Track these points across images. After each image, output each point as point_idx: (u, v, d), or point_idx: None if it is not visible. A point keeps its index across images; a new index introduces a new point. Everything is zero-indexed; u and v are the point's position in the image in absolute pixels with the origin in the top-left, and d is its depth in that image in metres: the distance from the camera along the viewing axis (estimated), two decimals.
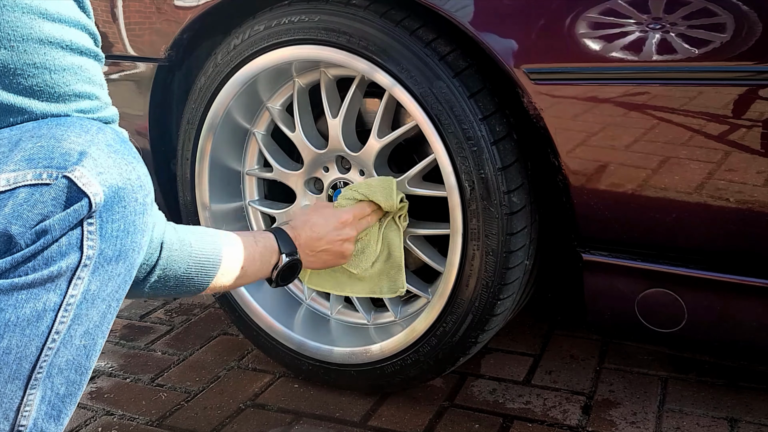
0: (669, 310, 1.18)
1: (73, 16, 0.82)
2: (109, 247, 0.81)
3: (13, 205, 0.75)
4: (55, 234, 0.76)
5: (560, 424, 1.37)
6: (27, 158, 0.76)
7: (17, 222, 0.75)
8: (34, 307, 0.78)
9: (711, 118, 1.04)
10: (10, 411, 0.80)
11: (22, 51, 0.78)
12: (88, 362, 0.85)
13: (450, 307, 1.31)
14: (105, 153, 0.79)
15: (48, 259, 0.77)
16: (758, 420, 1.36)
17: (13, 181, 0.75)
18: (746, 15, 0.99)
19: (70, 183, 0.76)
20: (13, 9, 0.77)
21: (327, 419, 1.42)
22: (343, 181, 1.44)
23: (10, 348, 0.77)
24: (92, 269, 0.80)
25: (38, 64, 0.79)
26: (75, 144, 0.78)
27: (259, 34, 1.36)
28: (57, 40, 0.80)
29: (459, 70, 1.21)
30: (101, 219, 0.79)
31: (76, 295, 0.80)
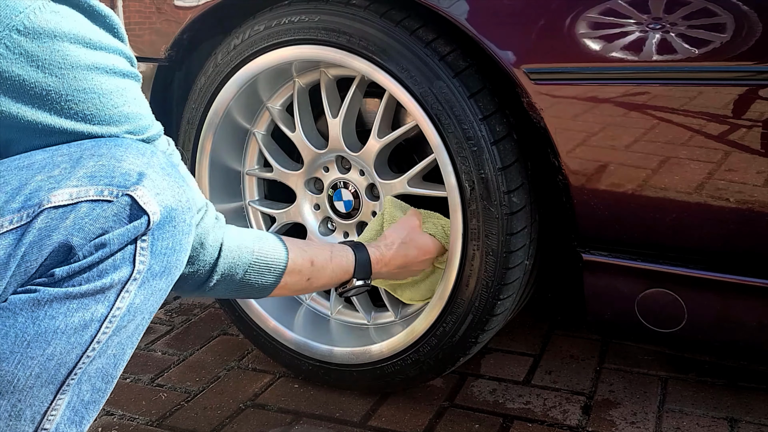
0: (669, 310, 1.18)
1: (112, 43, 0.87)
2: (158, 263, 0.85)
3: (74, 218, 0.79)
4: (113, 248, 0.81)
5: (560, 424, 1.37)
6: (89, 175, 0.80)
7: (78, 234, 0.79)
8: (83, 316, 0.81)
9: (711, 118, 1.04)
10: (38, 415, 0.83)
11: (71, 78, 0.82)
12: (116, 371, 0.89)
13: (450, 307, 1.31)
14: (160, 175, 0.84)
15: (102, 271, 0.81)
16: (758, 420, 1.36)
17: (76, 196, 0.79)
18: (746, 15, 0.99)
19: (132, 201, 0.81)
20: (62, 39, 0.81)
21: (327, 419, 1.42)
22: (343, 180, 1.44)
23: (54, 355, 0.81)
24: (140, 284, 0.84)
25: (87, 90, 0.83)
26: (134, 165, 0.83)
27: (259, 34, 1.36)
28: (102, 66, 0.85)
29: (459, 70, 1.21)
30: (153, 237, 0.83)
31: (122, 307, 0.84)
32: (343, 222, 1.47)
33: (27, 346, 0.79)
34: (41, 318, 0.80)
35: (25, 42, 0.79)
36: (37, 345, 0.80)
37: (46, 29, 0.80)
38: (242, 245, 1.08)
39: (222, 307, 1.59)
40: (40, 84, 0.81)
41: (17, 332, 0.79)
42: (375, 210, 1.42)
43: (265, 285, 1.12)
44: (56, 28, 0.81)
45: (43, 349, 0.80)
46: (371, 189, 1.42)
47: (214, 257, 1.04)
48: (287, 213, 1.53)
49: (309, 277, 1.18)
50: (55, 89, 0.82)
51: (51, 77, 0.81)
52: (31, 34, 0.79)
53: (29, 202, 0.78)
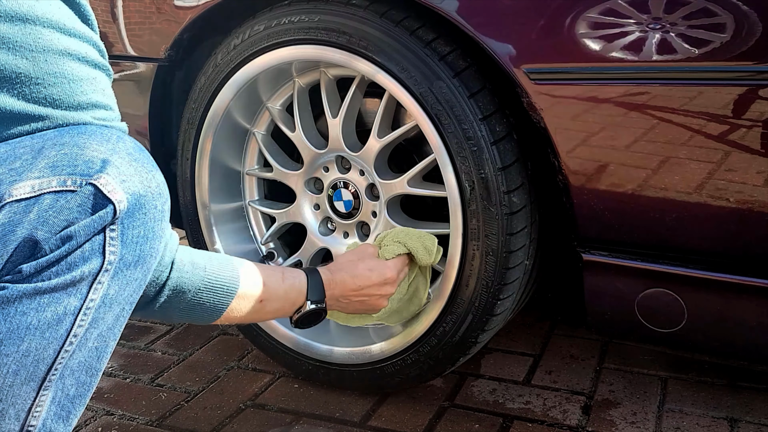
0: (669, 310, 1.18)
1: (86, 32, 0.86)
2: (129, 252, 0.82)
3: (38, 211, 0.76)
4: (80, 239, 0.78)
5: (560, 424, 1.37)
6: (51, 165, 0.78)
7: (43, 227, 0.76)
8: (55, 311, 0.79)
9: (711, 118, 1.04)
10: (22, 412, 0.82)
11: (42, 61, 0.80)
12: (99, 364, 0.87)
13: (450, 307, 1.31)
14: (126, 161, 0.81)
15: (71, 264, 0.79)
16: (758, 420, 1.36)
17: (38, 188, 0.77)
18: (746, 15, 0.99)
19: (95, 190, 0.78)
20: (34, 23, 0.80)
21: (327, 419, 1.42)
22: (343, 180, 1.44)
23: (29, 351, 0.79)
24: (112, 274, 0.82)
25: (57, 74, 0.81)
26: (97, 152, 0.80)
27: (259, 34, 1.36)
28: (74, 53, 0.83)
29: (459, 70, 1.21)
30: (123, 225, 0.81)
31: (96, 299, 0.82)
32: (343, 222, 1.47)
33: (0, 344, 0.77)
34: (12, 315, 0.78)
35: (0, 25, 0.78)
36: (11, 342, 0.78)
37: (19, 12, 0.79)
38: (194, 262, 1.05)
39: None
40: (10, 66, 0.79)
41: None
42: (375, 210, 1.42)
43: (216, 306, 1.09)
44: (30, 11, 0.80)
45: (17, 345, 0.78)
46: (371, 189, 1.42)
47: (166, 272, 1.02)
48: (287, 213, 1.53)
49: (262, 298, 1.14)
50: (24, 71, 0.80)
51: (22, 59, 0.79)
52: (3, 16, 0.78)
53: None
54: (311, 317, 1.24)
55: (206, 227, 1.56)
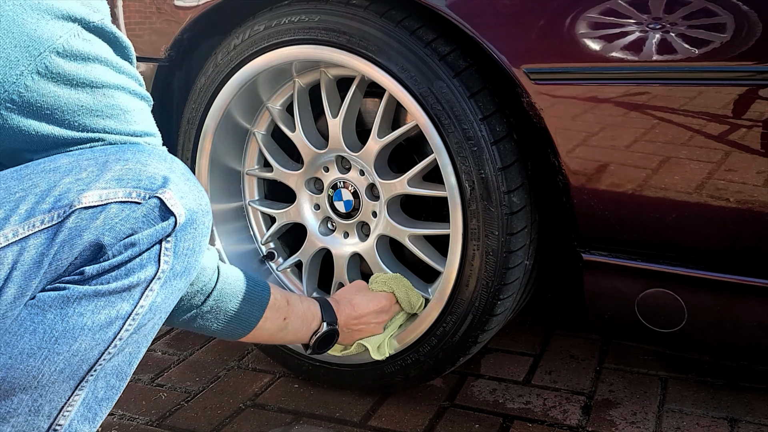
0: (669, 310, 1.18)
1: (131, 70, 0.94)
2: (179, 263, 0.89)
3: (105, 218, 0.83)
4: (142, 247, 0.85)
5: (560, 424, 1.37)
6: (116, 178, 0.85)
7: (109, 233, 0.83)
8: (109, 314, 0.85)
9: (711, 118, 1.04)
10: (55, 410, 0.86)
11: (101, 95, 0.88)
12: (130, 369, 0.92)
13: (450, 307, 1.31)
14: (182, 180, 0.89)
15: (129, 270, 0.85)
16: (758, 420, 1.36)
17: (105, 198, 0.83)
18: (746, 15, 0.99)
19: (160, 203, 0.86)
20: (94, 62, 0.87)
21: (327, 419, 1.42)
22: (343, 180, 1.44)
23: (79, 351, 0.84)
24: (162, 283, 0.88)
25: (114, 106, 0.90)
26: (158, 169, 0.87)
27: (259, 34, 1.36)
28: (125, 87, 0.91)
29: (459, 70, 1.21)
30: (176, 238, 0.88)
31: (145, 306, 0.87)
32: (343, 222, 1.47)
33: (54, 342, 0.82)
34: (70, 315, 0.82)
35: (63, 63, 0.85)
36: (65, 341, 0.82)
37: (81, 52, 0.86)
38: (234, 274, 1.12)
39: None
40: (73, 100, 0.86)
41: (46, 328, 0.82)
42: (375, 210, 1.42)
43: (250, 318, 1.15)
44: (90, 52, 0.87)
45: (69, 345, 0.83)
46: (371, 189, 1.42)
47: (214, 279, 1.08)
48: (287, 213, 1.52)
49: (285, 315, 1.21)
50: (86, 104, 0.87)
51: (83, 94, 0.87)
52: (68, 56, 0.85)
53: (59, 203, 0.82)
54: (326, 340, 1.30)
55: None
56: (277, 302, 1.19)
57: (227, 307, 1.10)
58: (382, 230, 1.40)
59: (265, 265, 1.60)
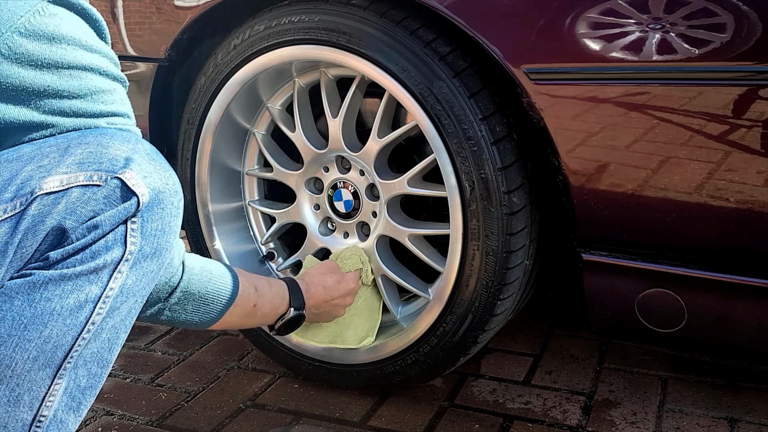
0: (669, 310, 1.18)
1: (103, 47, 0.92)
2: (148, 244, 0.88)
3: (66, 202, 0.82)
4: (105, 229, 0.84)
5: (560, 424, 1.37)
6: (77, 162, 0.83)
7: (71, 217, 0.82)
8: (78, 297, 0.84)
9: (711, 118, 1.04)
10: (36, 400, 0.85)
11: (68, 76, 0.87)
12: (110, 356, 0.91)
13: (450, 307, 1.31)
14: (146, 160, 0.87)
15: (95, 252, 0.84)
16: (758, 420, 1.36)
17: (66, 182, 0.82)
18: (746, 15, 0.99)
19: (121, 183, 0.84)
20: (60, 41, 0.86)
21: (327, 419, 1.42)
22: (343, 180, 1.44)
23: (50, 337, 0.83)
24: (131, 264, 0.87)
25: (82, 87, 0.88)
26: (120, 151, 0.86)
27: (259, 34, 1.36)
28: (96, 67, 0.90)
29: (459, 70, 1.21)
30: (143, 218, 0.86)
31: (115, 288, 0.86)
32: (343, 222, 1.47)
33: (24, 329, 0.81)
34: (37, 300, 0.82)
35: (27, 43, 0.83)
36: (34, 327, 0.82)
37: (45, 31, 0.84)
38: (201, 266, 1.12)
39: None
40: (38, 81, 0.85)
41: (14, 315, 0.81)
42: (375, 210, 1.42)
43: (219, 308, 1.15)
44: (55, 31, 0.85)
45: (39, 331, 0.82)
46: (371, 189, 1.42)
47: (178, 274, 1.08)
48: (287, 213, 1.53)
49: (255, 302, 1.21)
50: (52, 86, 0.85)
51: (49, 75, 0.85)
52: (32, 35, 0.83)
53: (21, 191, 0.81)
54: (291, 324, 1.31)
55: (206, 227, 1.56)
56: (246, 289, 1.19)
57: (194, 298, 1.10)
58: (382, 230, 1.40)
59: (265, 265, 1.60)
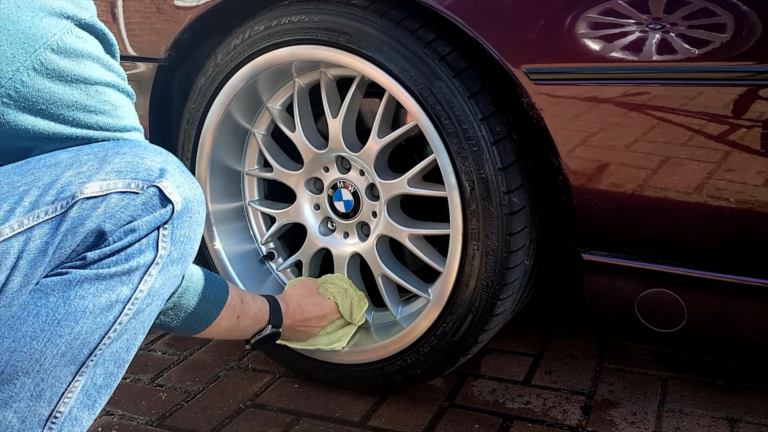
0: (669, 310, 1.18)
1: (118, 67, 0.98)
2: (176, 249, 0.93)
3: (105, 207, 0.87)
4: (141, 233, 0.89)
5: (560, 424, 1.37)
6: (116, 171, 0.89)
7: (110, 221, 0.87)
8: (109, 297, 0.88)
9: (711, 118, 1.04)
10: (55, 396, 0.88)
11: (94, 91, 0.92)
12: (128, 356, 0.94)
13: (450, 307, 1.31)
14: (178, 171, 0.93)
15: (129, 255, 0.89)
16: (758, 420, 1.36)
17: (106, 188, 0.87)
18: (746, 15, 0.99)
19: (158, 191, 0.90)
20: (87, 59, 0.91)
21: (327, 419, 1.42)
22: (343, 181, 1.44)
23: (80, 334, 0.87)
24: (160, 268, 0.92)
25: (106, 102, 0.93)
26: (155, 162, 0.92)
27: (259, 34, 1.36)
28: (115, 84, 0.95)
29: (459, 70, 1.21)
30: (173, 225, 0.92)
31: (144, 290, 0.91)
32: (343, 222, 1.47)
33: (57, 325, 0.85)
34: (72, 298, 0.86)
35: (58, 59, 0.88)
36: (67, 324, 0.85)
37: (75, 49, 0.89)
38: (195, 272, 1.14)
39: None
40: (68, 96, 0.89)
41: (48, 311, 0.85)
42: (375, 210, 1.42)
43: (208, 316, 1.17)
44: (83, 49, 0.90)
45: (71, 327, 0.86)
46: (371, 189, 1.42)
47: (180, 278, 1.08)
48: (287, 213, 1.52)
49: (239, 314, 1.24)
50: (80, 100, 0.91)
51: (77, 91, 0.90)
52: (63, 52, 0.88)
53: (62, 195, 0.86)
54: (266, 340, 1.33)
55: (206, 227, 1.55)
56: (233, 301, 1.22)
57: (188, 305, 1.12)
58: (382, 230, 1.40)
59: (265, 265, 1.60)
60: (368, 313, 1.50)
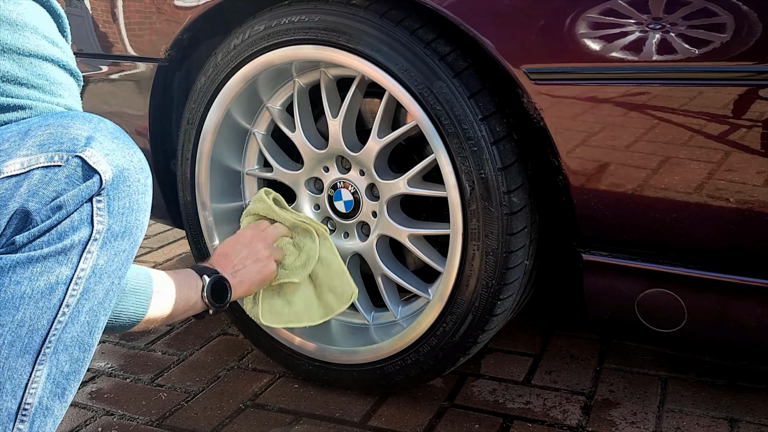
0: (669, 310, 1.18)
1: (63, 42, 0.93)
2: (116, 223, 0.87)
3: (28, 185, 0.82)
4: (69, 209, 0.83)
5: (560, 424, 1.37)
6: (38, 144, 0.83)
7: (33, 199, 0.82)
8: (48, 279, 0.83)
9: (711, 118, 1.04)
10: (18, 388, 0.84)
11: (28, 63, 0.87)
12: (92, 339, 0.89)
13: (450, 307, 1.31)
14: (109, 138, 0.87)
15: (61, 233, 0.83)
16: (758, 420, 1.36)
17: (27, 165, 0.82)
18: (746, 15, 0.99)
19: (82, 162, 0.83)
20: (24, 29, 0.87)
21: (327, 419, 1.42)
22: (343, 181, 1.44)
23: (24, 321, 0.83)
24: (101, 244, 0.86)
25: (40, 75, 0.88)
26: (81, 130, 0.85)
27: (259, 34, 1.36)
28: (56, 59, 0.90)
29: (459, 70, 1.21)
30: (108, 197, 0.86)
31: (86, 268, 0.86)
32: (343, 222, 1.47)
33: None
34: (6, 284, 0.81)
35: None
36: (6, 312, 0.81)
37: (9, 18, 0.85)
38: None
39: None
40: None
41: None
42: (375, 210, 1.42)
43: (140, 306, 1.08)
44: (19, 18, 0.86)
45: (12, 315, 0.82)
46: (371, 189, 1.42)
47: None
48: None
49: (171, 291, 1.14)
50: (11, 72, 0.86)
51: (9, 61, 0.86)
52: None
53: None
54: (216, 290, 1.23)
55: (206, 227, 1.56)
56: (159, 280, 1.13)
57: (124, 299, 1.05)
58: (382, 230, 1.40)
59: None
60: (368, 314, 1.50)
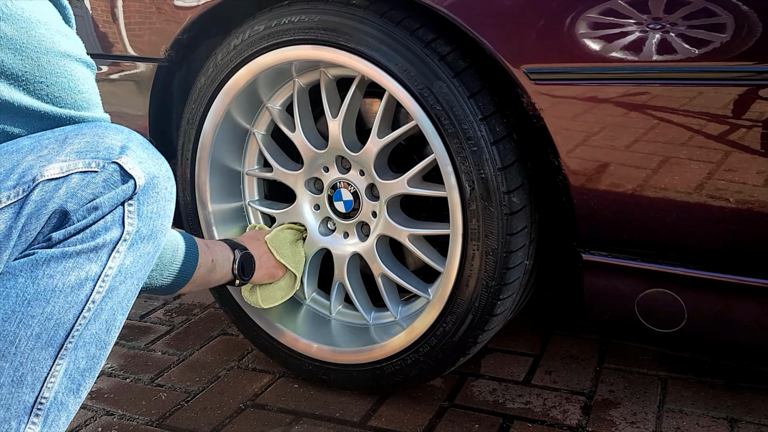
0: (669, 310, 1.18)
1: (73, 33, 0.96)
2: (144, 226, 0.93)
3: (67, 187, 0.87)
4: (104, 210, 0.89)
5: (560, 424, 1.37)
6: (76, 151, 0.89)
7: (72, 200, 0.87)
8: (78, 275, 0.88)
9: (711, 118, 1.04)
10: (38, 381, 0.88)
11: (45, 62, 0.90)
12: (109, 338, 0.93)
13: (450, 307, 1.31)
14: (140, 148, 0.93)
15: (95, 232, 0.89)
16: (758, 420, 1.36)
17: (66, 169, 0.87)
18: (746, 15, 0.99)
19: (118, 168, 0.90)
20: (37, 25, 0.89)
21: (327, 419, 1.42)
22: (343, 181, 1.44)
23: (53, 314, 0.87)
24: (129, 245, 0.92)
25: (58, 73, 0.92)
26: (115, 140, 0.91)
27: (259, 34, 1.36)
28: (71, 54, 0.93)
29: (459, 70, 1.21)
30: (139, 201, 0.91)
31: (114, 267, 0.91)
32: (343, 222, 1.47)
33: (27, 305, 0.85)
34: (40, 277, 0.86)
35: (4, 26, 0.87)
36: (37, 303, 0.86)
37: (23, 15, 0.88)
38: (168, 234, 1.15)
39: (222, 307, 1.59)
40: (17, 66, 0.88)
41: (18, 292, 0.85)
42: (375, 210, 1.42)
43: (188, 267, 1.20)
44: (32, 15, 0.89)
45: (42, 307, 0.86)
46: (371, 189, 1.42)
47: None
48: (287, 213, 1.52)
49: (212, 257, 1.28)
50: (29, 71, 0.89)
51: (26, 60, 0.89)
52: (9, 19, 0.87)
53: (24, 179, 0.86)
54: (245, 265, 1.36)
55: (206, 227, 1.56)
56: (202, 247, 1.25)
57: (168, 262, 1.15)
58: (381, 230, 1.40)
59: None
60: (368, 314, 1.50)
